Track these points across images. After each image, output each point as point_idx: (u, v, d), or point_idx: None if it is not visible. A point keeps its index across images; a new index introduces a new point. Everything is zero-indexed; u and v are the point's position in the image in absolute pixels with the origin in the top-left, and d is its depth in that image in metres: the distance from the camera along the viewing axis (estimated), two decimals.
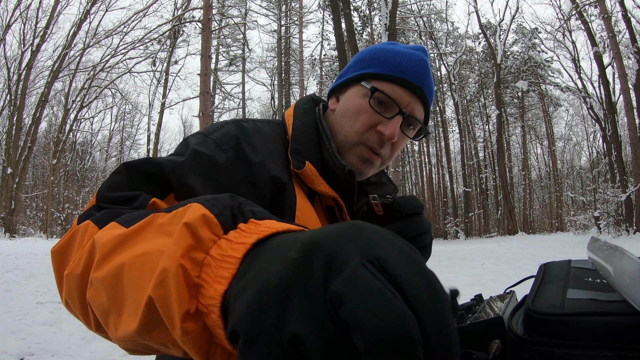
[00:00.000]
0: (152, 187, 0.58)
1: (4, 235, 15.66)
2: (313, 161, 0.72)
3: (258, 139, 0.71)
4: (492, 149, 25.48)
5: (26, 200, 21.02)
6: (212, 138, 0.68)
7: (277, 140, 0.75)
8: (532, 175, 31.64)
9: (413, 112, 0.76)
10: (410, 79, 0.74)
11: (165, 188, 0.60)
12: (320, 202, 0.75)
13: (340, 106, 0.79)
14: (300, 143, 0.74)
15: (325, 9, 24.04)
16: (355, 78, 0.77)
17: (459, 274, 6.60)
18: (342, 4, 10.61)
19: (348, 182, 0.74)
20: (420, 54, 0.78)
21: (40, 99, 17.85)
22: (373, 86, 0.74)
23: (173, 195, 0.60)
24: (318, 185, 0.71)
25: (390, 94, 0.74)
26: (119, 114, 28.96)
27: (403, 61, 0.75)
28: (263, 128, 0.75)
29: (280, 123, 0.81)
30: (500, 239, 17.88)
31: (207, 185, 0.62)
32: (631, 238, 11.20)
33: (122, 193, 0.55)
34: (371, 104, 0.74)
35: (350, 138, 0.75)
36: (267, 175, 0.66)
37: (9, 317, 3.96)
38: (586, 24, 15.82)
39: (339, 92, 0.81)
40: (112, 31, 17.51)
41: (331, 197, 0.73)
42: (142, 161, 0.60)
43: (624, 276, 0.45)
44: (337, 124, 0.78)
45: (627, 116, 13.00)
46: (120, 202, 0.54)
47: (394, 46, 0.79)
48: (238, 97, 25.51)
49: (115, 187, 0.57)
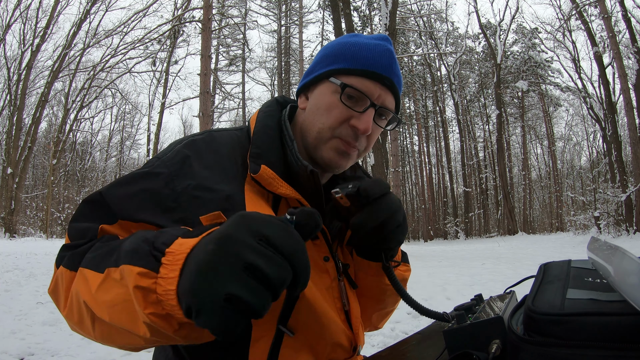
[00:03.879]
0: (100, 214, 0.68)
1: (4, 235, 15.66)
2: (274, 163, 0.72)
3: (209, 151, 0.74)
4: (492, 149, 25.48)
5: (26, 200, 21.02)
6: (160, 159, 0.73)
7: (234, 146, 0.76)
8: (532, 175, 31.65)
9: (384, 103, 0.77)
10: (378, 71, 0.75)
11: (109, 212, 0.68)
12: (287, 205, 0.75)
13: (311, 104, 0.79)
14: (259, 146, 0.74)
15: (325, 9, 24.05)
16: (323, 75, 0.77)
17: (459, 274, 6.59)
18: (342, 4, 10.61)
19: (312, 182, 0.73)
20: (384, 43, 0.78)
21: (40, 99, 17.85)
22: (343, 82, 0.74)
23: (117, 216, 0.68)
24: (278, 188, 0.71)
25: (360, 87, 0.74)
26: (119, 114, 28.98)
27: (369, 53, 0.75)
28: (219, 137, 0.77)
29: (244, 128, 0.83)
30: (500, 239, 17.89)
31: (140, 203, 0.68)
32: (631, 238, 11.20)
33: (82, 224, 0.67)
34: (342, 100, 0.74)
35: (324, 133, 0.76)
36: (213, 187, 0.69)
37: (9, 317, 3.96)
38: (586, 24, 15.81)
39: (308, 90, 0.81)
40: (112, 31, 17.52)
41: (295, 198, 0.73)
42: (93, 193, 0.71)
43: (625, 276, 0.45)
44: (309, 122, 0.78)
45: (627, 116, 13.00)
46: (80, 233, 0.66)
47: (357, 38, 0.79)
48: (238, 97, 25.53)
49: (78, 218, 0.69)
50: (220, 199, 0.68)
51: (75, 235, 0.67)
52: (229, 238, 0.44)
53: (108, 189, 0.70)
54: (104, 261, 0.57)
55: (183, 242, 0.50)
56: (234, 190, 0.70)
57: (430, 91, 28.14)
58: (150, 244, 0.52)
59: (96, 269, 0.56)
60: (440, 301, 4.65)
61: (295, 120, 0.84)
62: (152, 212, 0.67)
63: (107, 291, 0.54)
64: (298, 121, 0.82)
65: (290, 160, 0.75)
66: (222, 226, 0.48)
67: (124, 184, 0.70)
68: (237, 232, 0.45)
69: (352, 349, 0.80)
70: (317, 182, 0.74)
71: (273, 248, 0.45)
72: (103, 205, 0.68)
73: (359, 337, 0.82)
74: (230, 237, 0.44)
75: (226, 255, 0.43)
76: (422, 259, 9.30)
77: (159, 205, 0.68)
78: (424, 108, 29.66)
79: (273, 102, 0.86)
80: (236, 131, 0.81)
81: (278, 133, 0.78)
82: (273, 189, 0.71)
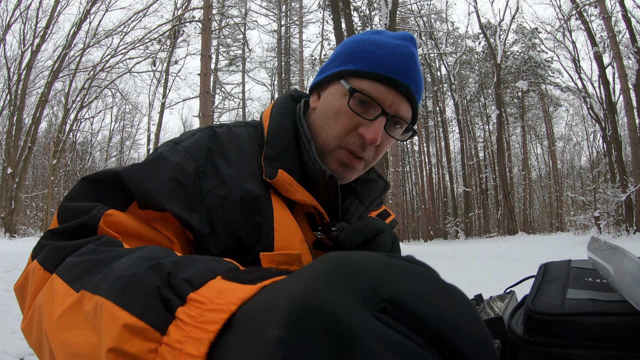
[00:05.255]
0: (111, 196, 0.54)
1: (4, 235, 15.66)
2: (290, 166, 0.67)
3: (232, 147, 0.67)
4: (492, 149, 25.46)
5: (26, 200, 21.02)
6: (182, 145, 0.64)
7: (253, 145, 0.70)
8: (532, 175, 31.63)
9: (398, 111, 0.68)
10: (393, 76, 0.66)
11: (125, 196, 0.55)
12: (302, 209, 0.70)
13: (321, 105, 0.72)
14: (274, 148, 0.68)
15: (325, 9, 24.03)
16: (335, 75, 0.70)
17: (459, 274, 6.59)
18: (342, 4, 10.61)
19: (330, 187, 0.68)
20: (407, 44, 0.69)
21: (40, 99, 17.83)
22: (351, 87, 0.67)
23: (136, 204, 0.55)
24: (294, 194, 0.65)
25: (371, 93, 0.66)
26: (119, 114, 28.96)
27: (386, 55, 0.67)
28: (239, 134, 0.70)
29: (258, 126, 0.75)
30: (500, 239, 17.88)
31: (172, 193, 0.57)
32: (631, 238, 11.19)
33: (80, 204, 0.52)
34: (350, 106, 0.67)
35: (330, 142, 0.69)
36: (239, 188, 0.62)
37: (9, 317, 3.96)
38: (586, 24, 15.80)
39: (320, 89, 0.75)
40: (112, 31, 17.50)
41: (311, 205, 0.68)
42: (100, 172, 0.57)
43: (624, 276, 0.45)
44: (317, 125, 0.72)
45: (627, 116, 12.99)
46: (77, 214, 0.50)
47: (378, 36, 0.71)
48: (238, 97, 25.51)
49: (76, 198, 0.54)
50: (250, 200, 0.62)
51: (66, 216, 0.51)
52: (311, 311, 0.20)
53: (128, 170, 0.57)
54: (85, 275, 0.38)
55: (224, 289, 0.28)
56: (262, 191, 0.64)
57: (430, 91, 28.10)
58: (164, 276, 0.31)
59: (71, 283, 0.38)
60: None
61: (308, 120, 0.77)
62: (181, 205, 0.57)
63: (71, 326, 0.35)
64: (310, 121, 0.75)
65: (306, 162, 0.69)
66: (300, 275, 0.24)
67: (149, 166, 0.59)
68: (330, 296, 0.21)
69: None
70: (335, 188, 0.69)
71: (417, 325, 0.20)
72: (117, 185, 0.55)
73: None
74: (316, 310, 0.20)
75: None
76: (422, 259, 9.21)
77: (187, 201, 0.58)
78: (424, 108, 29.64)
79: (287, 97, 0.78)
80: (251, 129, 0.74)
81: (294, 133, 0.72)
82: (289, 195, 0.66)
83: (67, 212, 0.52)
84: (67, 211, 0.52)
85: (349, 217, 0.75)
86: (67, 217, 0.51)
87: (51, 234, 0.50)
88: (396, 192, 13.34)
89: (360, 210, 0.76)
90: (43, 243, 0.48)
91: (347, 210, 0.76)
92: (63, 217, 0.52)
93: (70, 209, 0.52)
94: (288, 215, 0.65)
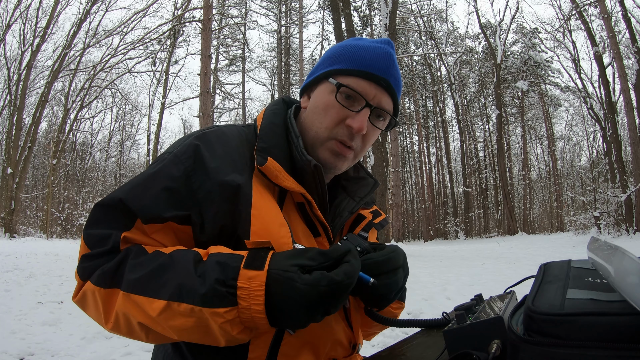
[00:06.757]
0: (120, 219, 0.68)
1: (4, 235, 15.66)
2: (279, 158, 0.74)
3: (219, 143, 0.75)
4: (492, 149, 25.47)
5: (26, 200, 21.01)
6: (172, 154, 0.73)
7: (242, 141, 0.78)
8: (532, 175, 31.64)
9: (380, 103, 0.78)
10: (374, 72, 0.76)
11: (131, 216, 0.68)
12: (292, 199, 0.77)
13: (311, 104, 0.82)
14: (265, 142, 0.76)
15: (325, 9, 24.03)
16: (322, 75, 0.80)
17: (459, 274, 6.59)
18: (342, 4, 10.61)
19: (317, 176, 0.76)
20: (384, 46, 0.79)
21: (40, 99, 17.84)
22: (338, 82, 0.76)
23: (140, 220, 0.68)
24: (283, 181, 0.73)
25: (356, 87, 0.76)
26: (119, 114, 28.98)
27: (367, 55, 0.77)
28: (227, 132, 0.78)
29: (251, 126, 0.85)
30: (500, 239, 17.88)
31: (165, 203, 0.69)
32: (631, 238, 11.19)
33: (99, 231, 0.67)
34: (338, 99, 0.76)
35: (320, 134, 0.78)
36: (221, 180, 0.70)
37: (9, 317, 3.96)
38: (586, 24, 15.81)
39: (310, 90, 0.84)
40: (112, 31, 17.52)
41: (299, 192, 0.74)
42: (107, 198, 0.70)
43: (625, 276, 0.45)
44: (308, 121, 0.81)
45: (627, 116, 12.99)
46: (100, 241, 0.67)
47: (359, 41, 0.81)
48: (238, 97, 25.50)
49: (94, 224, 0.69)
50: (230, 191, 0.69)
51: (93, 243, 0.67)
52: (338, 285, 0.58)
53: (128, 192, 0.69)
54: (152, 286, 0.61)
55: (252, 276, 0.58)
56: (243, 181, 0.71)
57: (430, 91, 28.13)
58: (220, 283, 0.58)
59: (148, 295, 0.61)
60: (440, 301, 4.64)
61: (298, 119, 0.86)
62: (177, 210, 0.69)
63: (171, 319, 0.60)
64: (300, 120, 0.84)
65: (295, 155, 0.77)
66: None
67: (144, 185, 0.70)
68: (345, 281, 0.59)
69: (352, 348, 0.80)
70: (320, 177, 0.76)
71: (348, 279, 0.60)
72: (122, 209, 0.68)
73: (358, 336, 0.82)
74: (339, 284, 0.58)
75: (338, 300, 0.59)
76: (422, 259, 9.30)
77: (181, 203, 0.69)
78: (424, 108, 29.65)
79: (279, 101, 0.88)
80: (243, 127, 0.83)
81: (284, 130, 0.80)
82: (279, 182, 0.73)
83: (91, 239, 0.67)
84: (91, 237, 0.68)
85: (341, 211, 0.84)
86: (93, 244, 0.67)
87: (86, 258, 0.67)
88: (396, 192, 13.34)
89: (351, 205, 0.85)
90: (86, 266, 0.66)
91: (338, 205, 0.85)
92: (89, 242, 0.67)
93: (94, 236, 0.67)
94: (269, 201, 0.72)
